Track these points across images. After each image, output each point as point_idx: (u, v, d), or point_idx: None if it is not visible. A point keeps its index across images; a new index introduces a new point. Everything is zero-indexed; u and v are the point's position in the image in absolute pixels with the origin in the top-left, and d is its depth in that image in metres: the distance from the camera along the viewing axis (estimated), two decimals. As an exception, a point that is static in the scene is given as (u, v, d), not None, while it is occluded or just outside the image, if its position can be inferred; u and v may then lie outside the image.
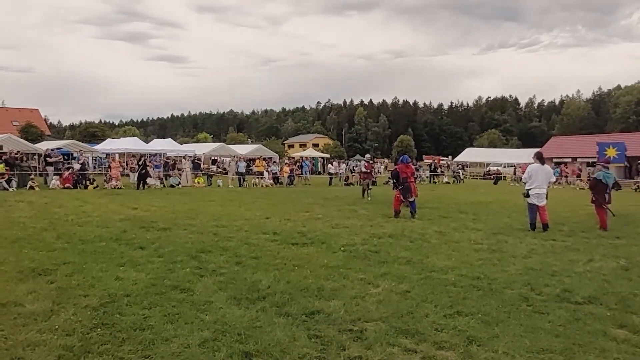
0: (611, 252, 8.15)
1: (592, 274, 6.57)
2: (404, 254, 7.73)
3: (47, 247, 7.68)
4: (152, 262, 6.78)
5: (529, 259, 7.50)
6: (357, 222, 11.55)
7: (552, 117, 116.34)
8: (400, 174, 12.95)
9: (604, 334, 4.34)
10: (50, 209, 13.32)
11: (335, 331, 4.28)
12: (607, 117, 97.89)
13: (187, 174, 27.35)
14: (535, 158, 11.12)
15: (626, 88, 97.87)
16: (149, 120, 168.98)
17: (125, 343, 3.94)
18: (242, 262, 6.93)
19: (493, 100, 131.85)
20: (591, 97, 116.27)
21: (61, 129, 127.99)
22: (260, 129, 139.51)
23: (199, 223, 10.86)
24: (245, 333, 4.17)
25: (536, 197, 10.50)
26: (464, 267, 6.81)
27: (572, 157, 40.13)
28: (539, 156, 11.12)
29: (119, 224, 10.40)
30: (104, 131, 66.13)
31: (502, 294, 5.53)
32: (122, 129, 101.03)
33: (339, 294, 5.38)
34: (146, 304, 4.89)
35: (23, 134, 47.85)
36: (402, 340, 4.12)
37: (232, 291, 5.42)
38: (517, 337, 4.20)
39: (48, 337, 4.01)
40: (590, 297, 5.40)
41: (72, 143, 36.54)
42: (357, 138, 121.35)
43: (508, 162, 46.71)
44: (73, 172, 23.38)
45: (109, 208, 13.68)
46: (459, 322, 4.54)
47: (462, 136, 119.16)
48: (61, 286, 5.49)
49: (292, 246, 8.29)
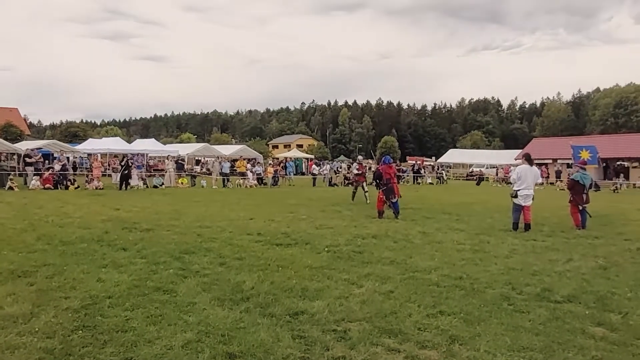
0: (590, 252, 8.30)
1: (571, 273, 6.68)
2: (387, 254, 7.78)
3: (27, 249, 7.55)
4: (134, 264, 6.72)
5: (510, 259, 7.60)
6: (341, 222, 11.58)
7: (533, 119, 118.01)
8: (383, 175, 13.02)
9: (583, 331, 4.43)
10: (30, 209, 13.10)
11: (319, 331, 4.29)
12: (587, 120, 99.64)
13: (171, 174, 27.13)
14: (524, 159, 11.20)
15: (605, 91, 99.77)
16: (132, 120, 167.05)
17: (107, 345, 3.90)
18: (226, 263, 6.91)
19: (476, 102, 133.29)
20: (571, 99, 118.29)
21: (41, 128, 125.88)
22: (244, 130, 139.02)
23: (183, 224, 10.78)
24: (229, 334, 4.16)
25: (524, 198, 10.63)
26: (447, 267, 6.88)
27: (553, 158, 40.75)
28: (528, 157, 11.18)
29: (101, 225, 10.27)
30: (85, 131, 65.23)
31: (484, 293, 5.60)
32: (104, 128, 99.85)
33: (322, 295, 5.39)
34: (128, 306, 4.84)
35: (2, 133, 46.82)
36: (385, 340, 4.15)
37: (216, 292, 5.40)
38: (498, 336, 4.26)
39: (28, 339, 3.95)
40: (570, 296, 5.50)
41: (52, 143, 35.84)
42: (341, 139, 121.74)
43: (490, 164, 47.29)
44: (53, 172, 23.03)
45: (90, 209, 13.50)
46: (442, 322, 4.58)
47: (446, 137, 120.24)
48: (41, 288, 5.41)
49: (276, 247, 8.28)
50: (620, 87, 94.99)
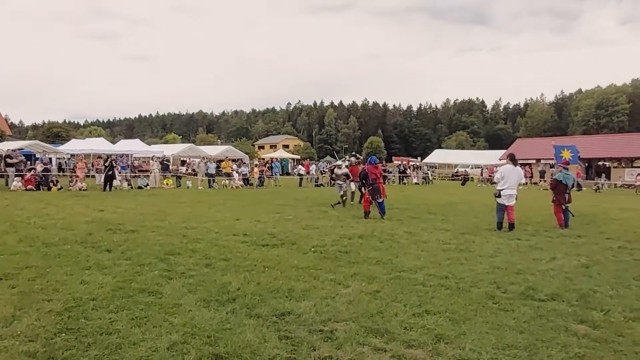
0: (573, 251, 8.42)
1: (554, 271, 6.77)
2: (373, 254, 7.80)
3: (9, 251, 7.43)
4: (119, 265, 6.65)
5: (495, 258, 7.67)
6: (327, 223, 11.59)
7: (517, 120, 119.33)
8: (369, 175, 13.06)
9: (566, 329, 4.49)
10: (11, 211, 12.89)
11: (306, 332, 4.29)
12: (569, 120, 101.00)
13: (156, 175, 26.88)
14: (508, 159, 11.31)
15: (587, 92, 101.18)
16: (116, 121, 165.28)
17: (91, 348, 3.86)
18: (212, 264, 6.87)
19: (461, 102, 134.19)
20: (554, 100, 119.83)
21: (23, 129, 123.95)
22: (230, 130, 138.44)
23: (168, 225, 10.69)
24: (215, 335, 4.14)
25: (507, 198, 10.74)
26: (433, 267, 6.92)
27: (536, 158, 41.28)
28: (512, 158, 11.27)
29: (85, 227, 10.14)
30: (68, 131, 64.47)
31: (469, 292, 5.64)
32: (88, 129, 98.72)
33: (309, 295, 5.39)
34: (113, 308, 4.79)
35: (-18, 134, 46.10)
36: (372, 339, 4.16)
37: (202, 293, 5.36)
38: (483, 334, 4.30)
39: (10, 343, 3.89)
40: (553, 294, 5.57)
41: (34, 144, 35.32)
42: (328, 139, 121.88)
43: (475, 164, 47.70)
44: (35, 173, 22.68)
45: (74, 210, 13.33)
46: (428, 321, 4.61)
47: (431, 138, 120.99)
48: (23, 291, 5.32)
49: (263, 247, 8.26)
50: (602, 89, 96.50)
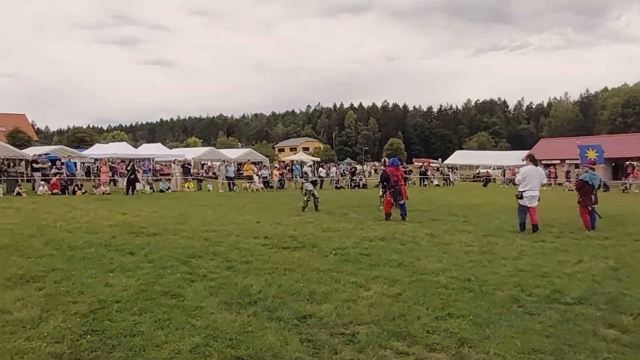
0: (600, 253, 8.22)
1: (581, 274, 6.61)
2: (395, 256, 7.74)
3: (35, 254, 7.59)
4: (142, 268, 6.73)
5: (519, 261, 7.54)
6: (348, 225, 11.55)
7: (540, 120, 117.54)
8: (391, 177, 12.99)
9: (594, 334, 4.37)
10: (38, 215, 13.18)
11: (327, 335, 4.27)
12: (595, 119, 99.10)
13: (177, 178, 27.21)
14: (528, 160, 11.21)
15: (613, 90, 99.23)
16: (138, 125, 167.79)
17: (116, 350, 3.90)
18: (233, 266, 6.90)
19: (482, 103, 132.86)
20: (579, 99, 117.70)
21: (49, 134, 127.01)
22: (250, 133, 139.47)
23: (189, 228, 10.79)
24: (237, 338, 4.15)
25: (529, 199, 10.57)
26: (455, 270, 6.83)
27: (561, 158, 40.50)
28: (532, 158, 11.21)
29: (108, 230, 10.31)
30: (92, 136, 65.76)
31: (493, 295, 5.55)
32: (111, 134, 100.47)
33: (330, 298, 5.37)
34: (136, 310, 4.84)
35: (10, 139, 47.27)
36: (394, 343, 4.12)
37: (223, 296, 5.39)
38: (508, 338, 4.22)
39: (37, 344, 3.96)
40: (580, 298, 5.44)
41: (59, 149, 36.07)
42: (348, 141, 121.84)
43: (497, 165, 47.02)
44: (60, 177, 23.16)
45: (97, 214, 13.56)
46: (451, 324, 4.55)
47: (452, 139, 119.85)
48: (50, 293, 5.43)
49: (283, 250, 8.27)
50: (629, 87, 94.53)
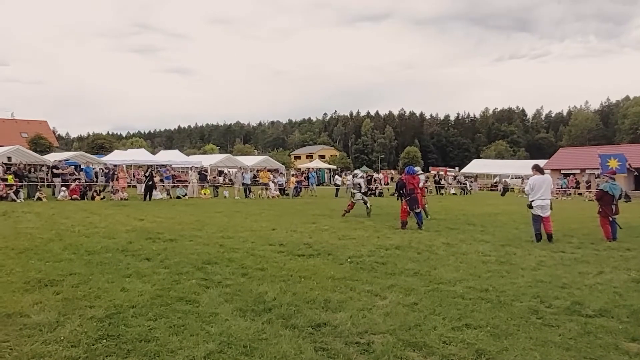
0: (622, 264, 8.04)
1: (602, 286, 6.47)
2: (411, 265, 7.67)
3: (54, 258, 7.69)
4: (158, 274, 6.77)
5: (538, 271, 7.40)
6: (363, 233, 11.50)
7: (559, 129, 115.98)
8: (407, 185, 12.92)
9: (616, 347, 4.26)
10: (57, 220, 13.38)
11: (342, 344, 4.23)
12: (616, 128, 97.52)
13: (194, 185, 27.43)
14: (534, 170, 11.30)
15: (635, 99, 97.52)
16: (157, 132, 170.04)
17: (131, 354, 3.91)
18: (248, 273, 6.90)
19: (500, 111, 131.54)
20: (599, 108, 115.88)
21: (69, 140, 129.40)
22: (266, 141, 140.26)
23: (205, 234, 10.85)
24: (251, 345, 4.13)
25: (540, 209, 10.51)
26: (472, 279, 6.73)
27: (581, 168, 39.89)
28: (538, 167, 11.42)
29: (125, 235, 10.41)
30: (111, 143, 66.79)
31: (511, 306, 5.45)
32: (130, 140, 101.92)
33: (345, 306, 5.32)
34: (152, 316, 4.86)
35: (32, 145, 48.26)
36: (409, 353, 4.06)
37: (238, 303, 5.38)
38: (526, 351, 4.13)
39: (53, 348, 3.99)
40: (602, 310, 5.31)
41: (79, 154, 36.68)
42: (364, 149, 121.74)
43: (515, 174, 46.52)
44: (80, 183, 23.50)
45: (115, 219, 13.71)
46: (468, 335, 4.47)
47: (469, 147, 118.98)
48: (67, 297, 5.48)
49: (299, 257, 8.25)
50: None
